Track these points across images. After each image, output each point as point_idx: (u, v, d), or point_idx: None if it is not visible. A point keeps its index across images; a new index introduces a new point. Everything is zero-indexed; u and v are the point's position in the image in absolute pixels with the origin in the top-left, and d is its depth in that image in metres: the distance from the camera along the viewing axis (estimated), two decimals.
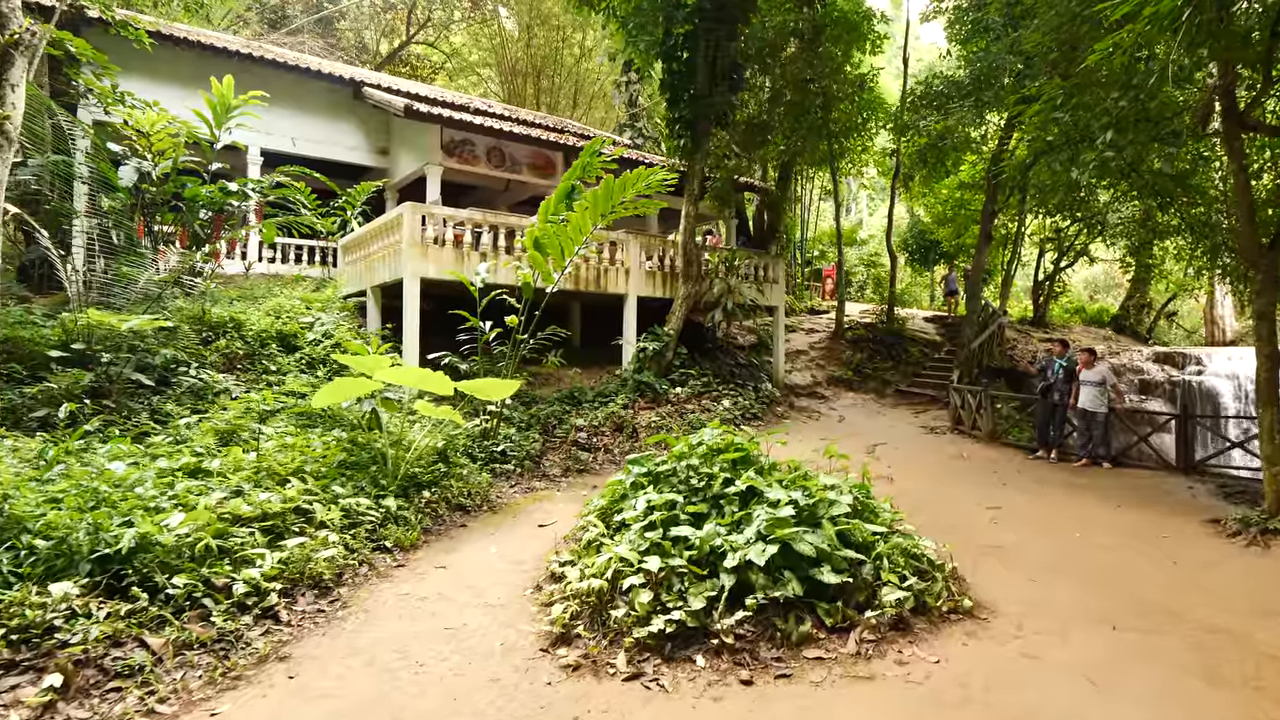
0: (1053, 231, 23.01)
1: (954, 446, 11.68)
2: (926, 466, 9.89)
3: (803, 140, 17.56)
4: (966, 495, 8.29)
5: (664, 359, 12.60)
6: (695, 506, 4.31)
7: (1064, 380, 11.03)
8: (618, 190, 7.16)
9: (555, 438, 9.42)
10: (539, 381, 11.86)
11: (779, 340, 15.47)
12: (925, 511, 7.39)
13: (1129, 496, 8.40)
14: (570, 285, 11.67)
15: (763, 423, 12.78)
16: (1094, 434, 10.52)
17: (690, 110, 12.22)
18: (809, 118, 17.11)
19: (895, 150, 18.03)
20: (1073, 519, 7.22)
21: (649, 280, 12.86)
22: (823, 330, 19.71)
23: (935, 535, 6.42)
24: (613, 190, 7.14)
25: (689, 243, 12.74)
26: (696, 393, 12.48)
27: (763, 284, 14.92)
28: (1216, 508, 7.89)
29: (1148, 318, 23.11)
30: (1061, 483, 9.15)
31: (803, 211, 26.60)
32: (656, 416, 10.75)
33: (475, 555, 5.35)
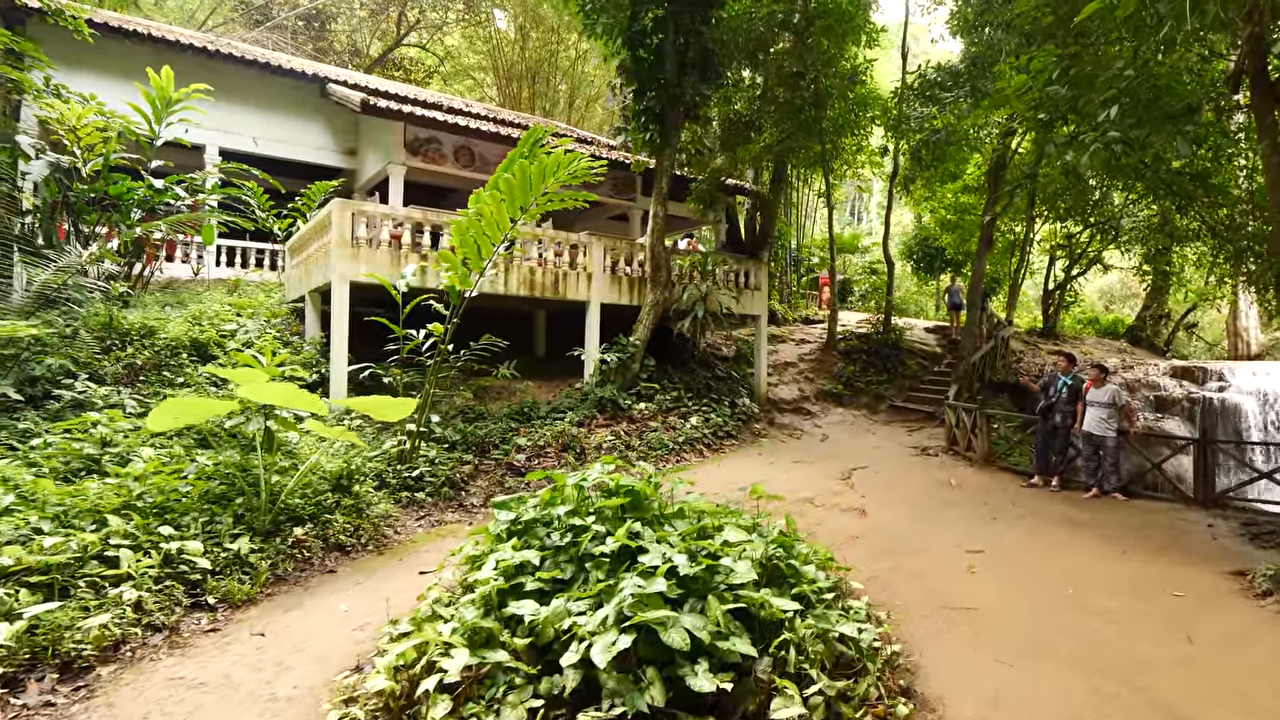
0: (1063, 238, 21.82)
1: (944, 471, 10.57)
2: (908, 496, 8.81)
3: (793, 139, 16.54)
4: (947, 533, 7.21)
5: (629, 372, 11.61)
6: (554, 571, 3.32)
7: (1067, 400, 9.90)
8: (537, 178, 6.20)
9: (491, 459, 8.45)
10: (490, 395, 10.91)
11: (761, 352, 14.43)
12: (893, 555, 6.35)
13: (1138, 537, 7.27)
14: (524, 290, 10.73)
15: (736, 442, 11.75)
16: (1103, 462, 9.38)
17: (657, 101, 11.29)
18: (800, 116, 16.11)
19: (892, 149, 16.95)
20: (1067, 568, 6.12)
21: (614, 286, 11.89)
22: (815, 341, 18.63)
23: (897, 589, 5.38)
24: (530, 178, 6.19)
25: (657, 245, 11.77)
26: (663, 409, 11.47)
27: (744, 291, 13.91)
28: (1241, 554, 6.76)
29: (1165, 329, 21.79)
30: (1060, 518, 8.03)
31: (799, 217, 25.54)
32: (612, 435, 9.75)
33: (317, 615, 4.39)
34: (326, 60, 28.04)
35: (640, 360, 11.76)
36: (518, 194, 6.30)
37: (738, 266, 13.93)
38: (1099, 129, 5.95)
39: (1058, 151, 6.32)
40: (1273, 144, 5.81)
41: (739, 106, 16.56)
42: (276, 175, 15.52)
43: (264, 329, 9.36)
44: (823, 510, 7.75)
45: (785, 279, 23.93)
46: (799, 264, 27.45)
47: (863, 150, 18.45)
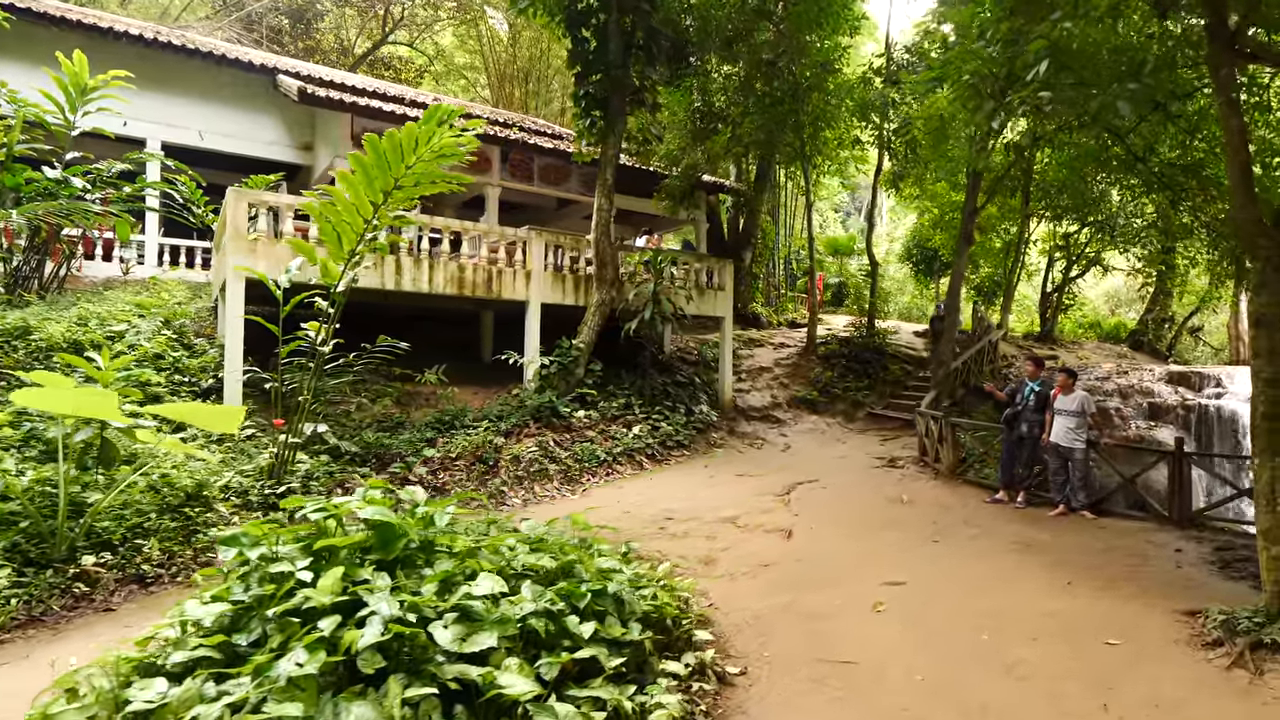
0: (1061, 238, 20.81)
1: (902, 486, 9.75)
2: (849, 515, 8.02)
3: (771, 133, 15.76)
4: (875, 560, 6.43)
5: (572, 377, 10.90)
6: (230, 635, 2.56)
7: (1035, 408, 9.05)
8: (394, 157, 5.51)
9: (390, 474, 7.77)
10: (417, 403, 10.25)
11: (725, 356, 13.66)
12: (796, 588, 5.58)
13: (1093, 564, 6.44)
14: (452, 289, 10.06)
15: (686, 453, 11.00)
16: (1071, 476, 8.54)
17: (600, 86, 10.59)
18: (777, 108, 15.35)
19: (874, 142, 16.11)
20: (995, 605, 5.32)
21: (557, 285, 11.20)
22: (795, 345, 17.80)
23: (776, 634, 4.58)
24: (386, 158, 5.50)
25: (602, 240, 11.06)
26: (608, 417, 10.75)
27: (706, 291, 13.16)
28: (1204, 586, 5.91)
29: (1168, 333, 20.70)
30: (1012, 541, 7.21)
31: (788, 217, 24.69)
32: (537, 446, 9.04)
33: (27, 672, 3.67)
34: (314, 59, 27.66)
35: (585, 365, 11.05)
36: (379, 175, 5.62)
37: (700, 265, 13.19)
38: (1028, 87, 5.15)
39: (984, 119, 5.53)
40: (1229, 102, 4.99)
41: (718, 102, 15.86)
42: (225, 171, 15.00)
43: (159, 330, 8.77)
44: (741, 532, 6.99)
45: (773, 281, 23.11)
46: (789, 265, 26.61)
47: (844, 144, 17.62)
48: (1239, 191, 5.08)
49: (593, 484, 8.74)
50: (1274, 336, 4.95)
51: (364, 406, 9.37)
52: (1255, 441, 4.92)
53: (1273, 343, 4.93)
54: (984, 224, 22.18)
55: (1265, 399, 4.87)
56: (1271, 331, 4.95)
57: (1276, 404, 4.87)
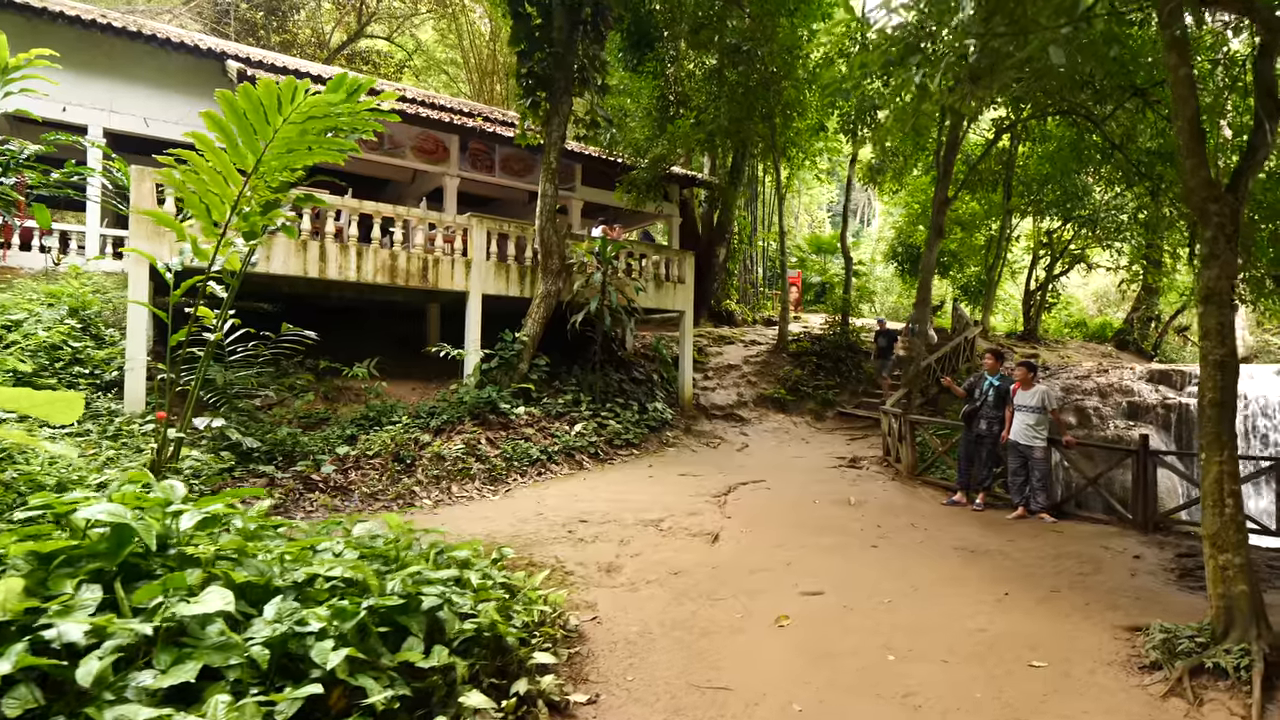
0: (1044, 235, 20.33)
1: (855, 487, 9.21)
2: (790, 517, 7.49)
3: (739, 123, 15.24)
4: (803, 566, 5.90)
5: (515, 371, 10.38)
6: None
7: (994, 404, 8.52)
8: (256, 117, 4.97)
9: (294, 473, 7.23)
10: (346, 398, 9.73)
11: (685, 352, 13.13)
12: (701, 600, 5.05)
13: (1037, 572, 5.92)
14: (383, 278, 9.54)
15: (635, 452, 10.47)
16: (1030, 476, 8.01)
17: (544, 64, 10.07)
18: (747, 97, 14.85)
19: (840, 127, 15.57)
20: (916, 620, 4.79)
21: (500, 274, 10.68)
22: (767, 343, 17.28)
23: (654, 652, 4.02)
24: (248, 118, 4.96)
25: (547, 228, 10.54)
26: (553, 413, 10.22)
27: (664, 284, 12.65)
28: (1157, 597, 5.38)
29: (1154, 332, 20.18)
30: (957, 546, 6.68)
31: (766, 213, 24.16)
32: (464, 444, 8.50)
33: None
34: (290, 54, 27.16)
35: (529, 359, 10.53)
36: (247, 139, 5.08)
37: (657, 257, 12.67)
38: (954, 34, 4.62)
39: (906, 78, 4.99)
40: (1176, 43, 4.46)
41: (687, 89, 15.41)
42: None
43: (60, 319, 8.24)
44: (661, 536, 6.46)
45: (750, 278, 22.59)
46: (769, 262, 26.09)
47: (820, 135, 17.11)
48: (1189, 149, 4.55)
49: (520, 484, 8.20)
50: (1224, 314, 4.42)
51: (287, 401, 8.85)
52: (1202, 433, 4.38)
53: (1223, 320, 4.40)
54: (966, 220, 21.73)
55: (1213, 384, 4.34)
56: (1222, 308, 4.42)
57: (1227, 390, 4.34)
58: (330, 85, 6.16)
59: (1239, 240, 10.32)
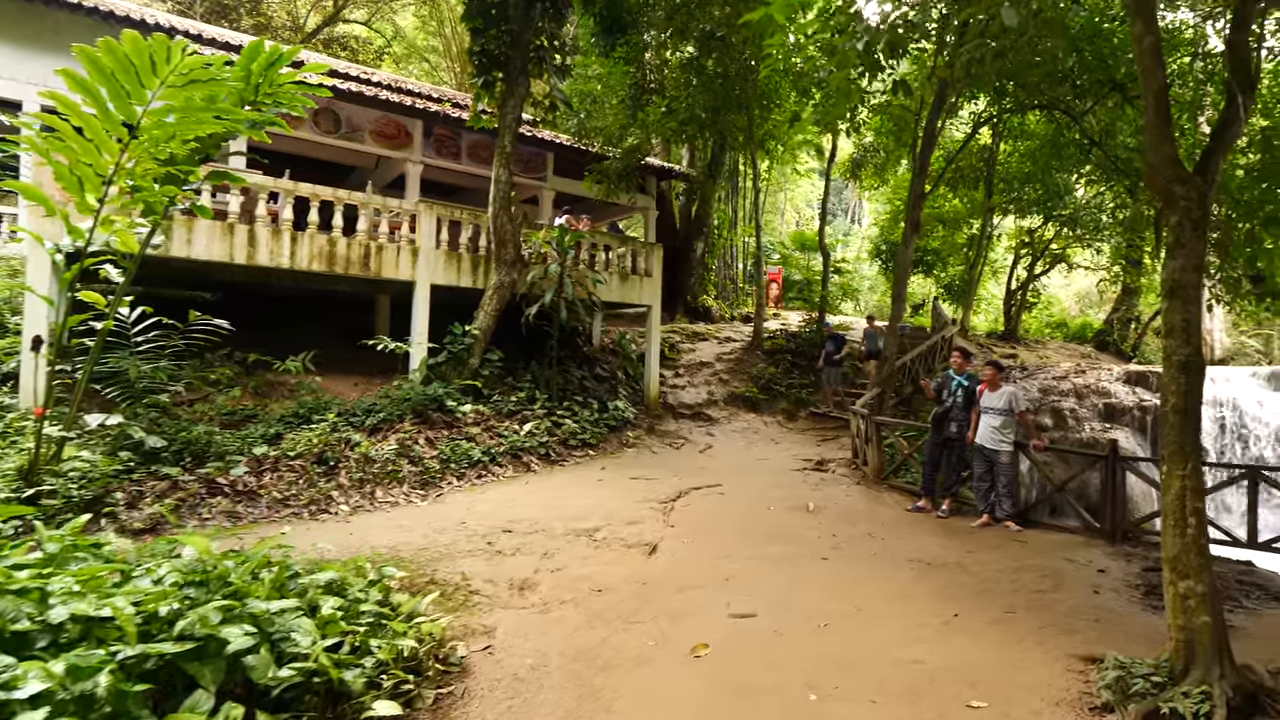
0: (1026, 234, 19.95)
1: (817, 491, 8.76)
2: (740, 525, 7.02)
3: (715, 113, 14.73)
4: (742, 582, 5.43)
5: (465, 367, 9.86)
6: None
7: (963, 405, 8.09)
8: (127, 76, 4.43)
9: (200, 475, 6.69)
10: (278, 393, 9.18)
11: (652, 349, 12.64)
12: (620, 622, 4.59)
13: (993, 589, 5.48)
14: (320, 266, 8.98)
15: (591, 452, 9.98)
16: (997, 481, 7.58)
17: (499, 44, 9.53)
18: (723, 86, 14.34)
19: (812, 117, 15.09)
20: (851, 646, 4.32)
21: (451, 264, 10.14)
22: (742, 340, 16.81)
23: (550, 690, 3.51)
24: (117, 79, 4.42)
25: (500, 216, 10.01)
26: (504, 412, 9.70)
27: (630, 277, 12.15)
28: (1119, 619, 4.96)
29: (1134, 333, 19.86)
30: (913, 559, 6.23)
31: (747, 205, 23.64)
32: (398, 444, 7.98)
33: None
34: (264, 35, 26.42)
35: (480, 354, 10.01)
36: (114, 104, 4.55)
37: (623, 249, 12.16)
38: None
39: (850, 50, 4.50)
40: (1146, 23, 4.00)
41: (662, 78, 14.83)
42: None
43: None
44: (592, 548, 5.97)
45: (729, 274, 22.11)
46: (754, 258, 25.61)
47: (798, 127, 16.62)
48: (1154, 125, 4.09)
49: (454, 489, 7.69)
50: (1190, 309, 3.97)
51: (211, 397, 8.30)
52: (1164, 443, 3.94)
53: (1188, 316, 3.95)
54: (949, 218, 21.34)
55: (1177, 388, 3.89)
56: (1187, 303, 3.97)
57: (1191, 394, 3.90)
58: (245, 52, 5.63)
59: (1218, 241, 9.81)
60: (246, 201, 8.63)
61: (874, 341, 14.44)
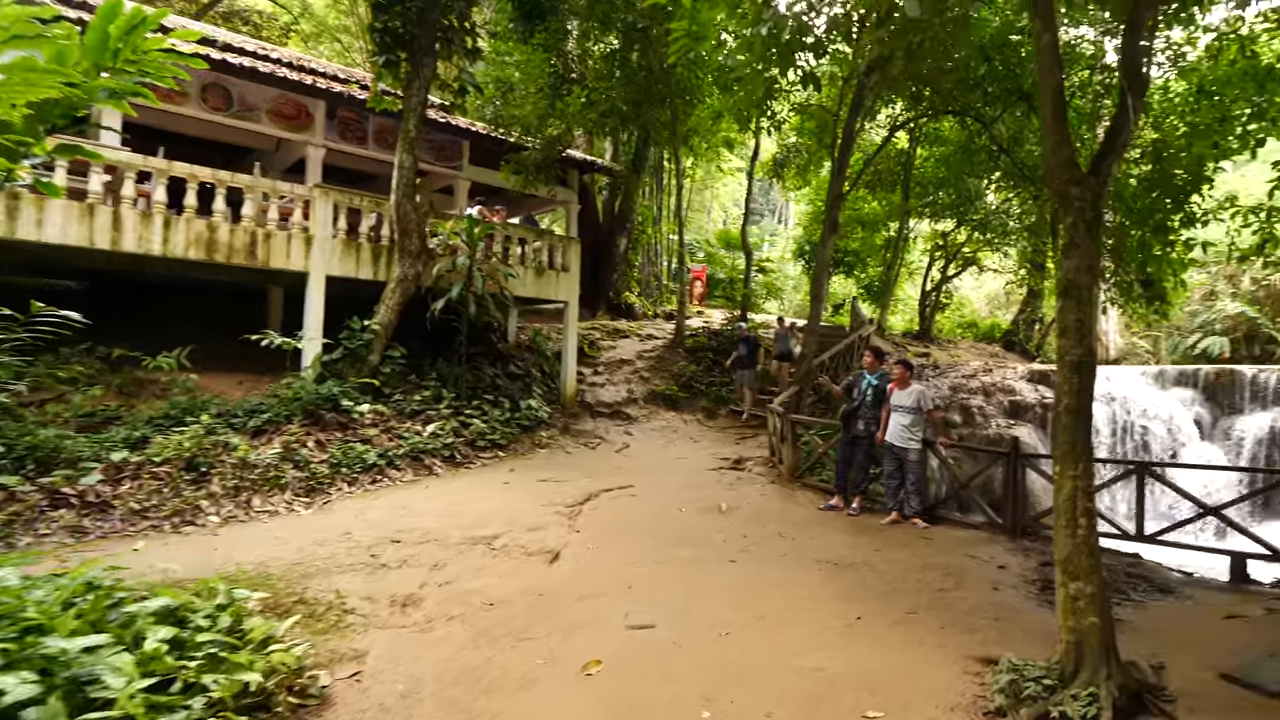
0: (940, 237, 20.68)
1: (732, 491, 8.63)
2: (649, 528, 6.77)
3: (638, 106, 14.48)
4: (645, 589, 5.18)
5: (364, 364, 9.24)
6: None
7: (873, 404, 8.11)
8: None
9: (44, 485, 5.91)
10: (149, 392, 8.33)
11: (569, 346, 12.29)
12: (509, 639, 4.24)
13: (898, 589, 5.43)
14: (198, 253, 8.19)
15: (501, 453, 9.54)
16: (906, 479, 7.63)
17: (403, 20, 8.95)
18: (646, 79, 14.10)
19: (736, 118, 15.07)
20: (751, 655, 4.13)
21: (349, 254, 9.49)
22: (664, 338, 16.66)
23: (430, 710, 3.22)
24: None
25: (404, 204, 9.43)
26: (407, 412, 9.14)
27: (546, 271, 11.74)
28: (1016, 616, 4.98)
29: (1038, 334, 20.92)
30: (821, 559, 6.14)
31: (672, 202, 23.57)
32: (283, 448, 7.33)
33: None
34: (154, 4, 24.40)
35: (381, 350, 9.40)
36: None
37: (539, 243, 11.74)
38: None
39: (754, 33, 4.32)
40: (1045, 21, 3.97)
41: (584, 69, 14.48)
42: None
43: None
44: (489, 557, 5.59)
45: (653, 271, 21.96)
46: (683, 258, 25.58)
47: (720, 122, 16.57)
48: (1051, 125, 4.08)
49: (344, 495, 7.13)
50: (1083, 309, 3.96)
51: (67, 396, 7.41)
52: (1057, 443, 3.91)
53: (1081, 316, 3.94)
54: (868, 219, 21.91)
55: (1069, 388, 3.87)
56: (1081, 303, 3.96)
57: (1083, 394, 3.88)
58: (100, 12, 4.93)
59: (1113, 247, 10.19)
60: (112, 181, 7.77)
61: (784, 343, 14.28)
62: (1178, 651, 4.29)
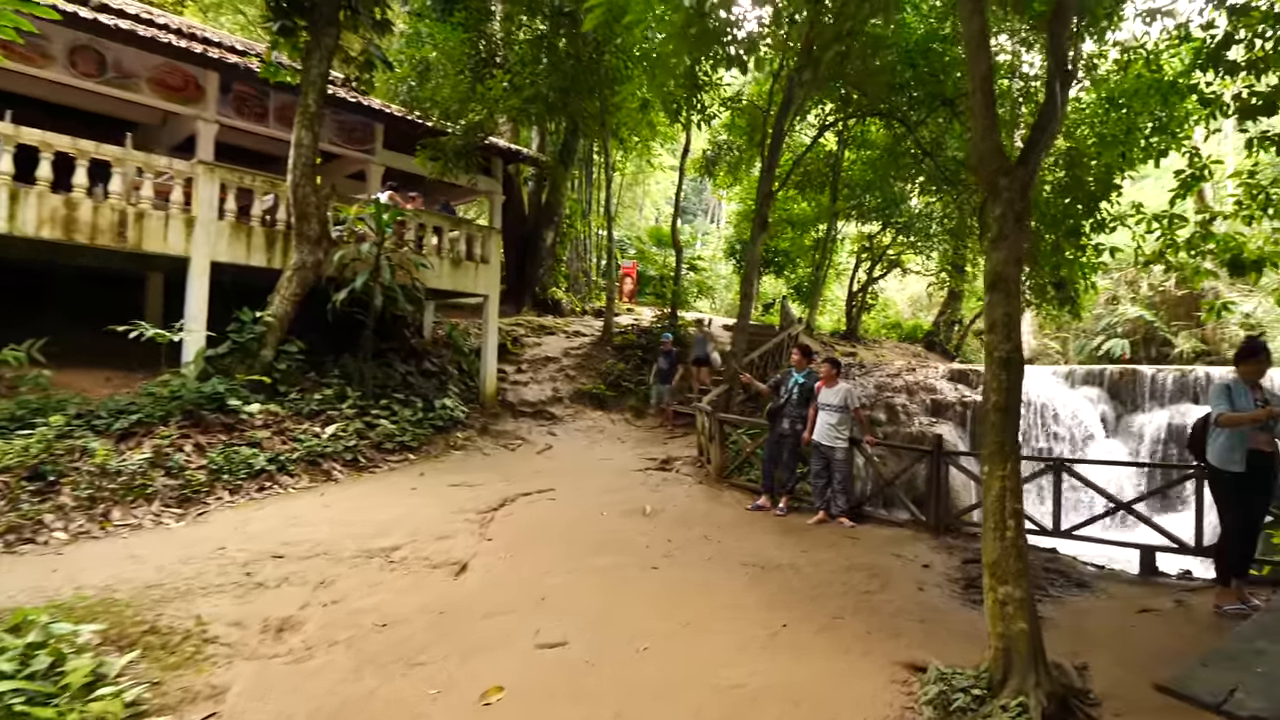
0: (866, 239, 21.10)
1: (658, 493, 8.30)
2: (568, 534, 6.35)
3: (565, 94, 13.98)
4: (560, 602, 4.76)
5: (256, 359, 8.41)
6: None
7: (799, 402, 7.94)
8: None
9: None
10: None
11: (490, 342, 11.71)
12: (400, 665, 3.76)
13: (824, 593, 5.22)
14: (53, 232, 7.21)
15: (411, 456, 8.90)
16: (833, 478, 7.48)
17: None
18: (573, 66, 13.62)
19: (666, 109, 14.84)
20: (669, 670, 3.79)
21: (239, 239, 8.64)
22: (592, 335, 16.24)
23: None
24: None
25: (303, 186, 8.67)
26: (305, 412, 8.38)
27: (464, 263, 11.12)
28: (942, 617, 4.84)
29: (957, 335, 21.66)
30: (747, 562, 5.87)
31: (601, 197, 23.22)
32: (151, 453, 6.50)
33: None
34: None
35: (276, 344, 8.59)
36: None
37: (456, 232, 11.10)
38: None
39: None
40: (974, 4, 3.78)
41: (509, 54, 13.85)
42: None
43: None
44: (387, 572, 5.04)
45: (581, 265, 21.49)
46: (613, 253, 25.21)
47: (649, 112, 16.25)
48: (980, 112, 3.91)
49: (225, 505, 6.39)
50: (1011, 303, 3.80)
51: None
52: (986, 441, 3.73)
53: (1010, 311, 3.78)
54: (798, 220, 22.13)
55: (998, 384, 3.70)
56: (1010, 297, 3.80)
57: (1012, 392, 3.71)
58: None
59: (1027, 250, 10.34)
60: None
61: (701, 347, 13.66)
62: (1098, 649, 4.22)
